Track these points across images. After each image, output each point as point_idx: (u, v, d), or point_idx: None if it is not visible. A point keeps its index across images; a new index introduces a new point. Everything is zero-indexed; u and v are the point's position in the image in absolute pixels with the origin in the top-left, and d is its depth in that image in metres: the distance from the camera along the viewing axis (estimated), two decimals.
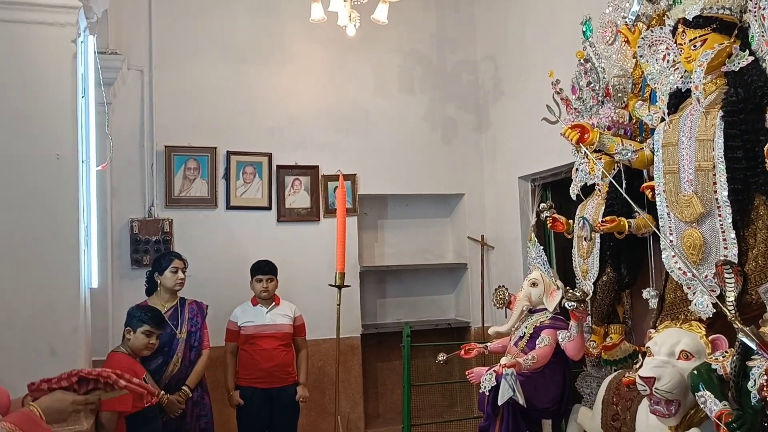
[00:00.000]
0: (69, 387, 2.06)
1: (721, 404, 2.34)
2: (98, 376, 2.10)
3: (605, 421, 3.14)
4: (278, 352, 4.35)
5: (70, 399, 2.03)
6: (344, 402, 5.57)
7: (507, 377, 3.25)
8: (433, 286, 6.48)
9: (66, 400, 2.01)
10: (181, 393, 3.83)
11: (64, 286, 3.02)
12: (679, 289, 2.95)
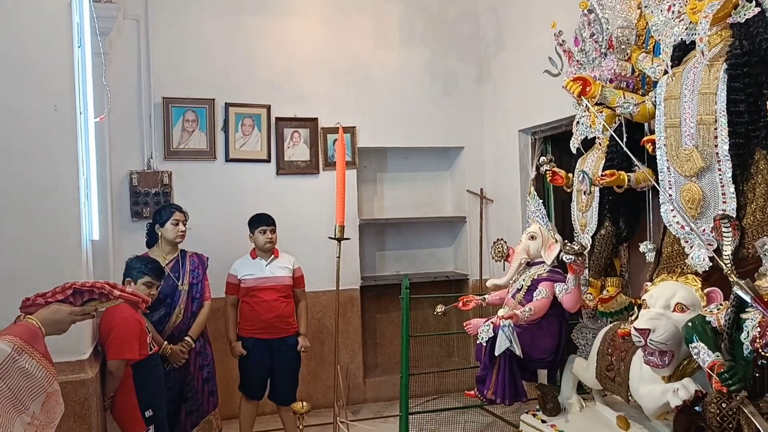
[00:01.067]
0: (65, 300, 2.10)
1: (714, 355, 2.39)
2: (92, 287, 2.14)
3: (600, 371, 3.21)
4: (278, 303, 4.40)
5: (68, 310, 2.07)
6: (344, 352, 5.67)
7: (504, 328, 3.30)
8: (432, 239, 6.53)
9: (63, 311, 2.06)
10: (183, 343, 3.90)
11: (66, 238, 3.04)
12: (676, 243, 2.97)
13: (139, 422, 3.35)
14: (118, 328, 3.29)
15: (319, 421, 5.22)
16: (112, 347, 3.28)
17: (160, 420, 3.46)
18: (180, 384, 3.93)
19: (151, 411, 3.38)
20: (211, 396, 4.08)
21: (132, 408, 3.34)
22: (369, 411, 5.69)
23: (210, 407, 4.05)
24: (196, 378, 3.99)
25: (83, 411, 2.99)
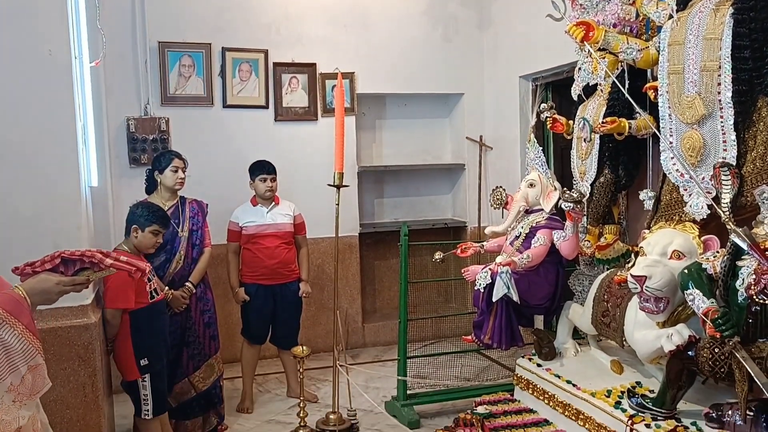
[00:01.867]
0: (55, 269, 2.04)
1: (708, 302, 2.42)
2: (82, 256, 2.07)
3: (595, 317, 3.26)
4: (280, 250, 4.43)
5: (55, 280, 2.01)
6: (343, 298, 5.74)
7: (502, 275, 3.33)
8: (431, 187, 6.53)
9: (50, 281, 2.00)
10: (184, 289, 3.94)
11: (65, 185, 3.04)
12: (675, 190, 2.98)
13: (134, 370, 3.40)
14: (113, 277, 3.31)
15: (319, 364, 5.32)
16: (108, 296, 3.31)
17: (157, 370, 3.47)
18: (181, 329, 3.99)
19: (146, 360, 3.41)
20: (213, 340, 4.14)
21: (128, 355, 3.39)
22: (368, 355, 5.81)
23: (211, 351, 4.13)
24: (197, 323, 4.05)
25: (87, 354, 3.04)
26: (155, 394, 3.46)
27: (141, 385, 3.42)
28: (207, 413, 4.12)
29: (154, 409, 3.47)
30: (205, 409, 4.11)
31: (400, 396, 4.32)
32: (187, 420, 4.05)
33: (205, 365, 4.07)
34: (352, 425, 4.15)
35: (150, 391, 3.43)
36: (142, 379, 3.42)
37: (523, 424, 3.23)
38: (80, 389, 3.04)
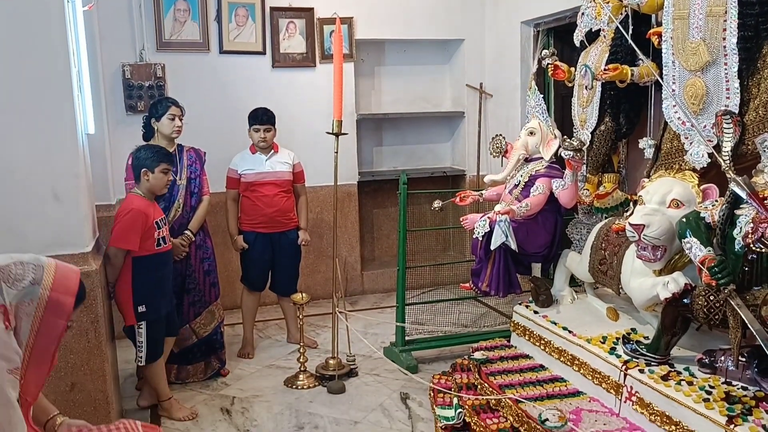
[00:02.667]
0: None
1: (705, 250, 2.44)
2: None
3: (593, 265, 3.29)
4: (279, 198, 4.43)
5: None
6: (342, 246, 5.77)
7: (500, 223, 3.34)
8: (430, 135, 6.49)
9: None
10: (184, 237, 3.95)
11: (62, 132, 3.00)
12: (676, 139, 2.96)
13: (131, 315, 3.44)
14: (123, 217, 3.34)
15: (318, 311, 5.39)
16: (114, 234, 3.37)
17: (153, 319, 3.50)
18: (182, 276, 4.02)
19: (144, 308, 3.44)
20: (213, 288, 4.18)
21: (126, 300, 3.43)
22: (366, 302, 5.88)
23: (212, 298, 4.17)
24: (197, 270, 4.08)
25: (89, 301, 3.07)
26: (150, 343, 3.50)
27: (137, 332, 3.47)
28: (208, 358, 4.20)
29: (147, 357, 3.52)
30: (207, 354, 4.18)
31: (399, 342, 4.39)
32: (189, 365, 4.13)
33: (206, 312, 4.13)
34: (351, 370, 4.23)
35: (145, 338, 3.48)
36: (138, 326, 3.46)
37: (519, 369, 3.30)
38: (83, 335, 3.08)
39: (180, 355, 4.03)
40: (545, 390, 3.03)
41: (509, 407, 2.96)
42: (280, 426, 3.59)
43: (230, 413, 3.76)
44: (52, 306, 1.64)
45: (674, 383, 2.52)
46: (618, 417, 2.76)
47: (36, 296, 1.62)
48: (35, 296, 1.62)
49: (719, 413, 2.29)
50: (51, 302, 1.64)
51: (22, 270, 1.65)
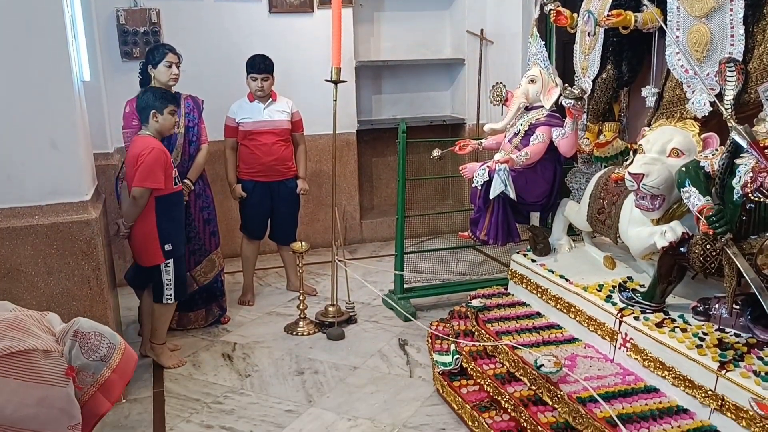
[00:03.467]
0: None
1: (704, 199, 2.44)
2: None
3: (591, 214, 3.30)
4: (277, 147, 4.41)
5: None
6: (341, 195, 5.77)
7: (500, 172, 3.34)
8: (430, 82, 6.41)
9: None
10: (183, 185, 3.95)
11: (57, 79, 2.97)
12: (678, 87, 2.93)
13: (158, 254, 3.50)
14: (146, 157, 3.34)
15: (317, 259, 5.43)
16: (138, 175, 3.35)
17: (179, 256, 3.60)
18: None
19: (170, 246, 3.51)
20: (213, 236, 4.20)
21: (152, 240, 3.47)
22: (365, 250, 5.92)
23: (212, 247, 4.20)
24: (197, 219, 4.09)
25: (90, 249, 3.09)
26: (177, 280, 3.60)
27: (164, 271, 3.53)
28: (209, 306, 4.25)
29: (176, 294, 3.61)
30: (207, 302, 4.24)
31: (397, 290, 4.44)
32: (190, 312, 4.19)
33: (206, 260, 4.16)
34: (350, 317, 4.29)
35: (173, 276, 3.56)
36: (166, 264, 3.53)
37: (515, 316, 3.34)
38: (85, 282, 3.11)
39: (181, 302, 4.09)
40: (541, 337, 3.08)
41: (506, 353, 3.02)
42: (280, 371, 3.66)
43: (232, 359, 3.83)
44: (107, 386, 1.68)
45: (668, 330, 2.56)
46: (612, 363, 2.81)
47: (99, 372, 1.66)
48: (98, 372, 1.66)
49: (711, 359, 2.33)
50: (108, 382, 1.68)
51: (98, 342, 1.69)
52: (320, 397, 3.37)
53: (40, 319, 1.66)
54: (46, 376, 1.53)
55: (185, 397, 3.40)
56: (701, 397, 2.35)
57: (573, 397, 2.54)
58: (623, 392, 2.56)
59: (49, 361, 1.54)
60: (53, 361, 1.55)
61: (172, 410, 3.27)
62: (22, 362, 1.50)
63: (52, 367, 1.55)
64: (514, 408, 2.81)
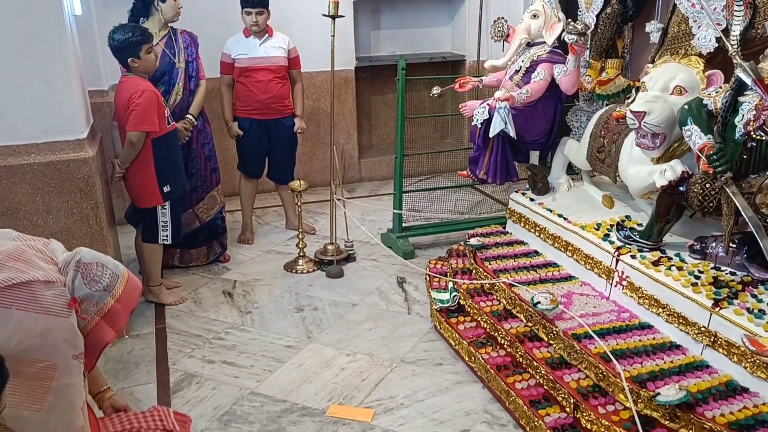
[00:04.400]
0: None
1: (705, 138, 2.42)
2: None
3: (591, 152, 3.28)
4: (274, 84, 4.34)
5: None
6: (339, 133, 5.72)
7: (500, 110, 3.30)
8: (429, 18, 6.26)
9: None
10: (186, 120, 3.92)
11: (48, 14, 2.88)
12: (684, 22, 2.87)
13: (156, 196, 3.50)
14: (137, 100, 3.29)
15: (316, 198, 5.44)
16: (133, 119, 3.31)
17: (177, 197, 3.60)
18: (184, 161, 4.02)
19: (168, 187, 3.51)
20: (214, 173, 4.21)
21: (150, 181, 3.47)
22: (364, 189, 5.91)
23: (213, 183, 4.20)
24: (198, 155, 4.09)
25: (88, 188, 3.08)
26: (174, 222, 3.61)
27: (160, 212, 3.54)
28: (210, 243, 4.28)
29: (173, 235, 3.63)
30: (209, 238, 4.26)
31: (396, 228, 4.46)
32: (192, 249, 4.22)
33: (208, 197, 4.17)
34: (349, 255, 4.32)
35: (170, 218, 3.57)
36: (163, 207, 3.53)
37: (513, 254, 3.37)
38: (84, 221, 3.12)
39: (183, 239, 4.11)
40: (538, 275, 3.12)
41: (503, 291, 3.06)
42: (280, 308, 3.72)
43: (232, 296, 3.87)
44: (110, 315, 1.67)
45: (664, 268, 2.59)
46: (608, 300, 2.85)
47: (102, 302, 1.65)
48: (102, 302, 1.64)
49: (706, 297, 2.36)
50: (111, 312, 1.67)
51: (101, 273, 1.67)
52: (320, 333, 3.43)
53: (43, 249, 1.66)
54: (50, 307, 1.54)
55: (187, 333, 3.46)
56: (694, 334, 2.39)
57: (568, 333, 2.59)
58: (618, 329, 2.60)
59: (51, 292, 1.55)
60: (56, 291, 1.56)
61: (174, 346, 3.33)
62: (25, 293, 1.50)
63: (54, 298, 1.56)
64: (510, 344, 2.87)
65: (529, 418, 2.56)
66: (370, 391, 2.94)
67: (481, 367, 2.92)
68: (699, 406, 2.11)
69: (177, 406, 2.83)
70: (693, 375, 2.29)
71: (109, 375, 3.03)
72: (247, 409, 2.81)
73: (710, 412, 2.08)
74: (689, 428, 2.11)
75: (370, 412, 2.77)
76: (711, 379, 2.25)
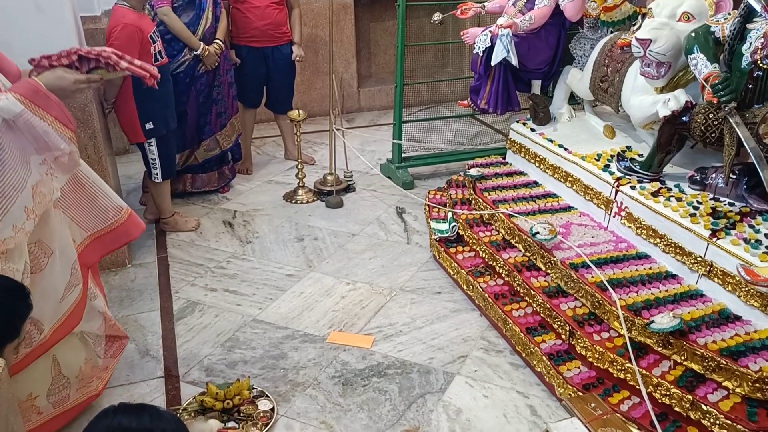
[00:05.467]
0: (71, 65, 2.02)
1: (711, 66, 2.39)
2: (98, 56, 2.05)
3: (594, 81, 3.23)
4: (271, 10, 4.22)
5: (72, 78, 2.00)
6: (338, 62, 5.62)
7: (502, 38, 3.23)
8: None
9: (67, 78, 1.99)
10: (215, 45, 3.89)
11: None
12: None
13: (139, 134, 3.44)
14: (116, 34, 3.19)
15: (314, 128, 5.39)
16: None
17: (163, 135, 3.52)
18: (209, 87, 4.01)
19: (151, 125, 3.44)
20: (234, 100, 4.21)
21: (132, 118, 3.41)
22: (363, 119, 5.86)
23: (233, 110, 4.20)
24: (223, 82, 4.08)
25: (85, 117, 3.05)
26: (163, 159, 3.56)
27: (148, 150, 3.50)
28: (221, 168, 4.29)
29: (163, 173, 3.59)
30: (219, 164, 4.27)
31: (395, 159, 4.44)
32: (203, 174, 4.22)
33: (229, 123, 4.17)
34: (348, 186, 4.32)
35: (158, 155, 3.53)
36: (148, 143, 3.48)
37: (513, 185, 3.37)
38: (83, 150, 3.09)
39: (197, 164, 4.11)
40: (537, 205, 3.13)
41: (502, 221, 3.07)
42: (280, 237, 3.75)
43: (232, 226, 3.90)
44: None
45: (663, 199, 2.59)
46: (606, 231, 2.87)
47: None
48: None
49: (704, 227, 2.38)
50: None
51: None
52: (320, 263, 3.47)
53: None
54: None
55: (189, 262, 3.50)
56: (690, 264, 2.42)
57: (566, 263, 2.62)
58: (615, 258, 2.63)
59: None
60: None
61: (176, 274, 3.38)
62: None
63: None
64: (508, 273, 2.91)
65: (525, 344, 2.63)
66: (369, 318, 2.99)
67: (479, 296, 2.97)
68: (692, 333, 2.16)
69: (181, 333, 2.90)
70: (687, 303, 2.33)
71: (113, 302, 3.08)
72: (249, 336, 2.88)
73: (702, 339, 2.12)
74: (681, 354, 2.16)
75: (369, 339, 2.83)
76: (705, 308, 2.30)
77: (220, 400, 2.38)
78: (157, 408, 1.13)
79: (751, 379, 1.98)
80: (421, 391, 2.53)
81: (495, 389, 2.54)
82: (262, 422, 2.35)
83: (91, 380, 2.34)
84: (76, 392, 2.27)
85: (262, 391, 2.49)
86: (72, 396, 2.25)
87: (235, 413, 2.38)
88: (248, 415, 2.37)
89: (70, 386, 2.24)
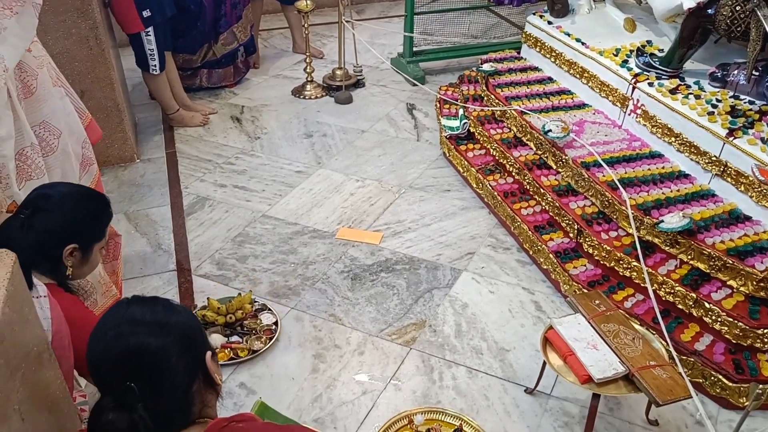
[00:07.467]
0: None
1: None
2: None
3: None
4: None
5: None
6: None
7: None
8: None
9: None
10: None
11: None
12: None
13: (136, 21, 3.31)
14: None
15: (323, 20, 5.22)
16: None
17: (159, 24, 3.39)
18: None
19: (149, 12, 3.31)
20: None
21: (128, 5, 3.26)
22: (373, 11, 5.65)
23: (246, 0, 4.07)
24: None
25: (84, 6, 2.95)
26: (160, 49, 3.45)
27: (145, 39, 3.39)
28: (234, 62, 4.20)
29: (161, 64, 3.50)
30: (233, 58, 4.17)
31: (406, 53, 4.31)
32: (219, 68, 4.14)
33: (243, 15, 4.04)
34: (358, 80, 4.23)
35: (155, 45, 3.41)
36: (146, 33, 3.37)
37: (527, 81, 3.28)
38: (84, 42, 3.01)
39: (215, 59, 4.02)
40: (551, 102, 3.05)
41: (514, 118, 3.01)
42: (289, 133, 3.71)
43: (240, 121, 3.85)
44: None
45: (681, 97, 2.52)
46: (620, 129, 2.81)
47: None
48: None
49: (721, 126, 2.32)
50: None
51: None
52: (329, 159, 3.45)
53: None
54: None
55: (197, 157, 3.49)
56: (704, 163, 2.38)
57: (577, 161, 2.58)
58: (628, 157, 2.59)
59: None
60: None
61: (185, 170, 3.37)
62: None
63: None
64: (518, 171, 2.88)
65: (532, 242, 2.64)
66: (378, 215, 3.01)
67: (488, 194, 2.96)
68: (700, 233, 2.15)
69: (191, 227, 2.93)
70: (698, 203, 2.32)
71: (123, 197, 3.10)
72: (259, 231, 2.91)
73: (711, 239, 2.12)
74: (688, 254, 2.17)
75: (378, 235, 2.86)
76: (715, 208, 2.28)
77: (222, 315, 2.35)
78: (171, 301, 1.15)
79: (757, 278, 1.99)
80: (429, 286, 2.58)
81: (501, 285, 2.58)
82: (266, 336, 2.31)
83: (110, 285, 2.38)
84: (102, 296, 2.31)
85: (263, 304, 2.46)
86: (99, 301, 2.28)
87: (237, 327, 2.35)
88: (251, 329, 2.33)
89: (96, 291, 2.27)
